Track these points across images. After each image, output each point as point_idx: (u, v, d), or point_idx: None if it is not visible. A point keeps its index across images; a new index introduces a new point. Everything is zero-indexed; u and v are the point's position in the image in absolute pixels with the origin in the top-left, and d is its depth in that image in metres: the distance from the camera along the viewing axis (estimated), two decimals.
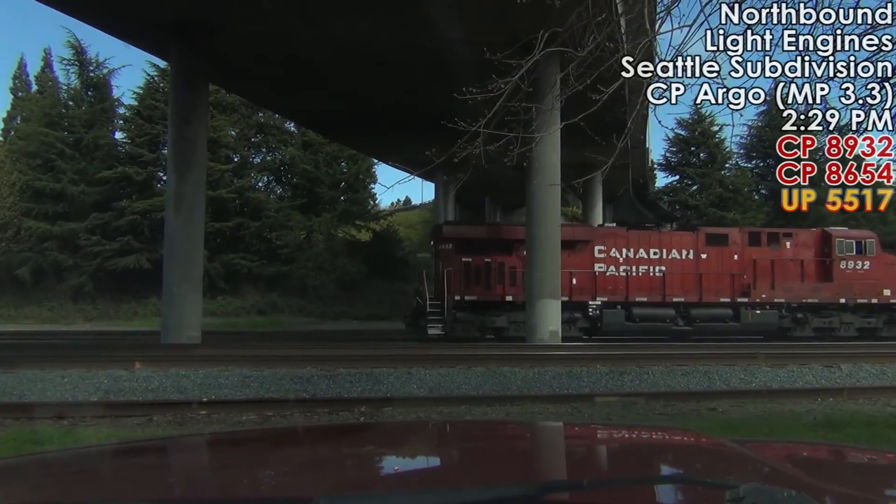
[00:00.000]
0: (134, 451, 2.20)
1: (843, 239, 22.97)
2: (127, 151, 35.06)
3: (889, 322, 22.68)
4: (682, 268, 22.15)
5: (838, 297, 22.39)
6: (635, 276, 21.99)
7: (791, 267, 22.71)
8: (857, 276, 22.53)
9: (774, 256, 22.60)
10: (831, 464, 2.07)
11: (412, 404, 10.37)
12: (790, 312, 22.46)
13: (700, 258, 22.25)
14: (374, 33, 18.07)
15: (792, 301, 22.38)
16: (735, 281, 22.24)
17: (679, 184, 43.56)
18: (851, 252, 22.72)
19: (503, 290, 21.38)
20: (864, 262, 22.61)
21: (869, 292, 22.35)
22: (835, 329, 22.44)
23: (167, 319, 17.79)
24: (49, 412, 9.10)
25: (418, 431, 2.66)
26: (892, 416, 9.49)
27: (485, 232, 23.95)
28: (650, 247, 22.21)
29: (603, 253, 21.93)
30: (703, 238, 22.71)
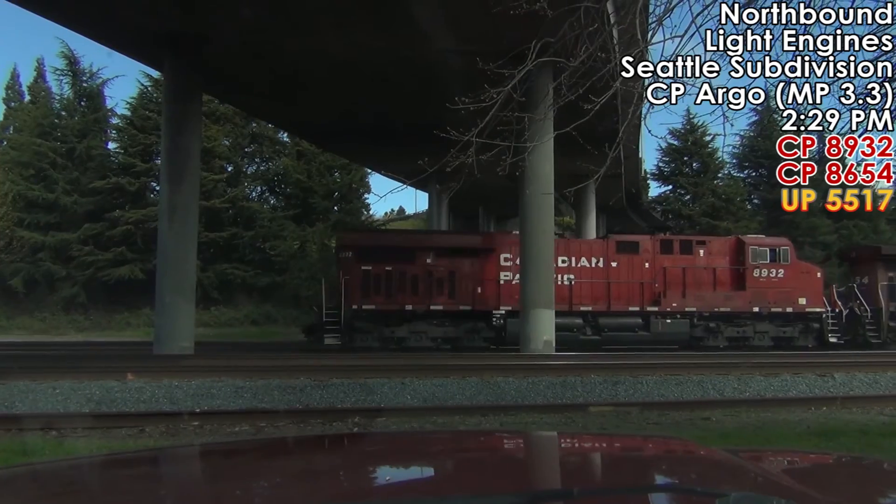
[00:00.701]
0: (125, 462, 2.19)
1: (756, 247, 22.57)
2: (120, 162, 35.02)
3: (805, 331, 22.39)
4: (592, 276, 21.73)
5: (751, 306, 22.06)
6: None
7: (703, 275, 22.32)
8: (772, 285, 22.18)
9: (687, 264, 22.20)
10: (824, 472, 2.07)
11: (406, 415, 10.35)
12: (702, 321, 22.10)
13: (610, 266, 21.83)
14: (366, 45, 18.12)
15: (704, 310, 22.02)
16: (645, 289, 21.90)
17: (672, 193, 43.73)
18: (765, 260, 22.31)
19: (404, 299, 20.95)
20: (778, 270, 22.23)
21: (783, 301, 22.06)
22: (749, 338, 22.15)
23: (160, 330, 17.71)
24: (40, 423, 9.04)
25: (411, 442, 2.65)
26: (886, 425, 9.51)
27: (386, 239, 23.48)
28: (558, 255, 21.36)
29: (509, 261, 21.43)
30: (614, 246, 22.37)
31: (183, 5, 16.27)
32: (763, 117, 40.56)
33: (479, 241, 22.90)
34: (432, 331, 20.94)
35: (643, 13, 6.67)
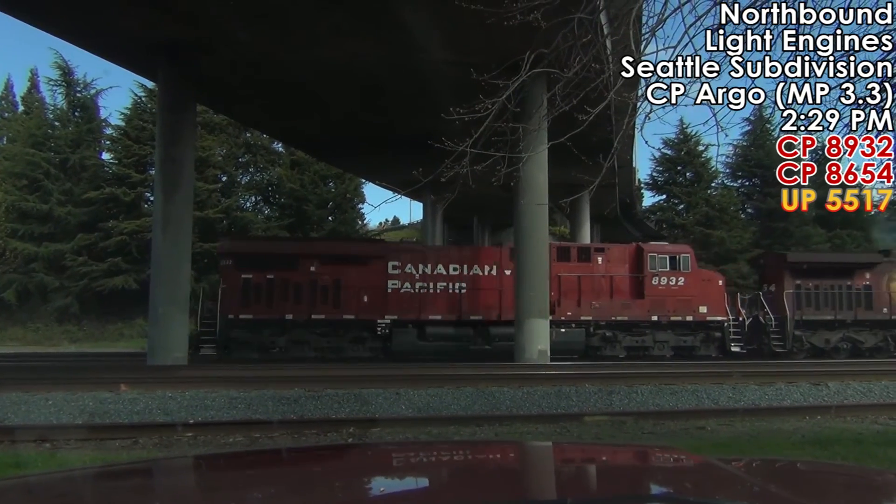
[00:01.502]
0: (118, 474, 2.18)
1: (655, 254, 22.08)
2: (114, 172, 34.94)
3: (706, 340, 21.95)
4: (485, 285, 21.22)
5: (650, 315, 21.61)
6: (432, 294, 21.09)
7: (601, 283, 21.81)
8: (671, 293, 21.74)
9: (583, 272, 21.68)
10: (818, 481, 2.07)
11: (401, 425, 10.33)
12: (599, 331, 21.56)
13: (504, 274, 21.12)
14: (361, 55, 18.16)
15: (600, 319, 21.47)
16: None
17: (666, 203, 43.84)
18: (665, 268, 21.84)
19: (285, 308, 20.34)
20: (678, 278, 21.81)
21: (683, 309, 21.61)
22: (648, 348, 21.72)
23: (153, 340, 17.64)
24: (32, 435, 8.99)
25: (406, 452, 2.65)
26: (880, 434, 9.52)
27: (267, 247, 22.77)
28: (450, 263, 21.30)
29: (397, 269, 21.03)
30: (508, 253, 21.48)
31: (177, 16, 16.30)
32: (756, 126, 40.78)
33: (366, 248, 22.45)
34: (315, 341, 20.34)
35: (636, 24, 6.70)
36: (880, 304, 22.73)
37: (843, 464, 4.70)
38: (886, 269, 23.15)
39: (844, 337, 22.66)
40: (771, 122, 36.40)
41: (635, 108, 7.18)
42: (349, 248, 22.27)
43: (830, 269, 23.16)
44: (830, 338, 22.58)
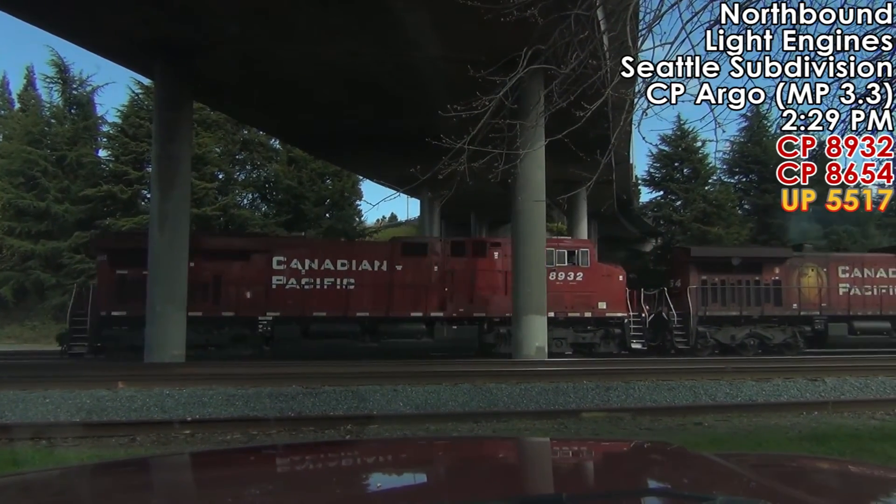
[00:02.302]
0: (115, 470, 2.18)
1: (553, 249, 21.35)
2: (111, 169, 34.89)
3: (606, 337, 21.50)
4: (374, 280, 20.72)
5: (548, 311, 20.39)
6: (318, 290, 20.55)
7: (496, 278, 21.19)
8: (569, 288, 21.18)
9: (478, 267, 21.19)
10: (814, 476, 2.08)
11: (398, 422, 10.33)
12: (493, 327, 21.01)
13: (394, 270, 20.83)
14: (357, 52, 18.14)
15: (494, 315, 20.87)
16: (430, 294, 20.86)
17: (663, 199, 43.85)
18: (563, 263, 21.36)
19: None
20: (576, 273, 21.35)
21: (582, 305, 21.10)
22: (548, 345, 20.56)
23: (151, 338, 17.62)
24: (30, 433, 8.98)
25: (404, 448, 2.65)
26: (877, 429, 9.53)
27: (143, 242, 21.63)
28: (338, 258, 20.82)
29: (282, 264, 20.52)
30: (399, 248, 21.44)
31: (174, 14, 16.27)
32: (753, 123, 40.80)
33: (249, 243, 21.80)
34: (193, 338, 19.18)
35: (633, 20, 6.70)
36: (790, 300, 22.47)
37: (839, 459, 4.71)
38: (797, 263, 22.91)
39: (751, 333, 22.32)
40: (768, 118, 36.45)
41: (632, 105, 7.17)
42: (231, 242, 21.52)
43: (738, 264, 22.73)
44: (736, 334, 22.24)
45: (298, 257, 20.70)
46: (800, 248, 23.97)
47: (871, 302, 22.74)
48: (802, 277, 22.80)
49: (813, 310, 22.50)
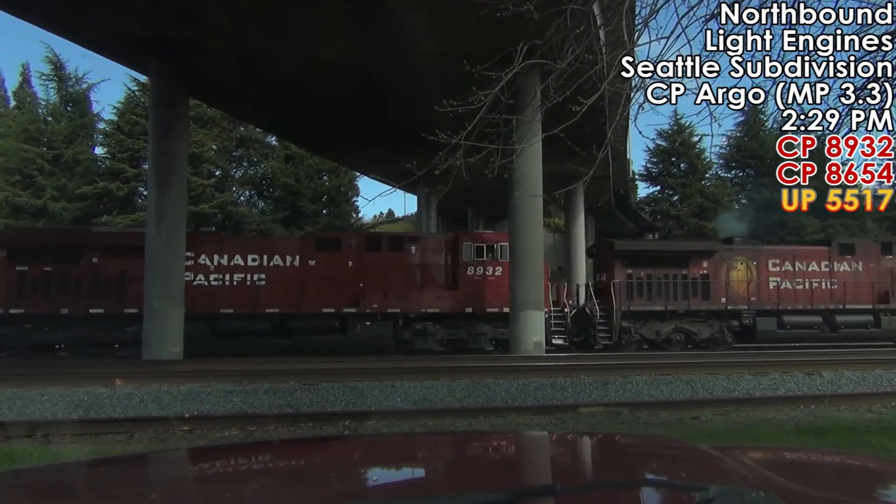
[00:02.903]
0: (113, 466, 2.18)
1: (471, 243, 21.12)
2: (108, 167, 34.84)
3: None
4: (286, 276, 20.20)
5: (465, 307, 20.62)
6: (227, 286, 20.05)
7: (413, 274, 20.89)
8: (487, 283, 20.75)
9: (394, 262, 20.72)
10: (810, 468, 2.08)
11: (396, 417, 10.34)
12: (409, 323, 20.62)
13: (308, 265, 20.42)
14: (353, 49, 18.11)
15: (410, 311, 20.50)
16: (344, 289, 20.28)
17: (660, 194, 43.91)
18: (481, 257, 20.84)
19: (62, 301, 19.08)
20: (495, 267, 20.80)
21: (501, 300, 20.17)
22: (465, 341, 20.63)
23: (148, 335, 17.62)
24: (28, 430, 8.98)
25: (401, 443, 2.66)
26: (874, 422, 9.57)
27: (44, 238, 21.09)
28: (248, 253, 20.30)
29: (190, 260, 19.67)
30: (312, 243, 21.00)
31: (170, 11, 16.23)
32: (749, 117, 40.81)
33: None
34: (95, 335, 19.07)
35: (629, 15, 6.69)
36: (718, 294, 22.08)
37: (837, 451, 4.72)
38: (726, 257, 22.53)
39: (677, 328, 21.88)
40: (764, 112, 36.47)
41: (629, 99, 7.17)
42: (135, 239, 20.37)
43: (664, 257, 22.45)
44: (661, 329, 21.81)
45: (207, 253, 20.21)
46: (730, 242, 23.73)
47: (803, 296, 22.41)
48: (731, 271, 22.46)
49: (741, 304, 22.14)
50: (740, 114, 40.48)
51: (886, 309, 22.50)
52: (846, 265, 22.70)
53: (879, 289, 22.55)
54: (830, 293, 22.42)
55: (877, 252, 23.05)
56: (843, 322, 22.29)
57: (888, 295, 22.45)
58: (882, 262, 22.82)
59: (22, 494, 1.68)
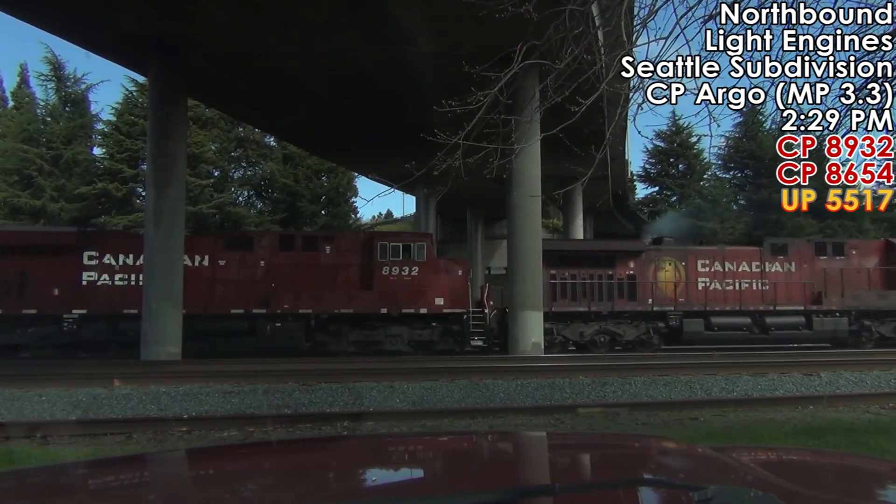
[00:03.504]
0: (111, 466, 2.18)
1: (386, 243, 20.68)
2: (106, 167, 34.81)
3: (444, 334, 20.42)
4: (194, 276, 19.46)
5: (379, 307, 20.12)
6: (132, 286, 19.33)
7: (326, 273, 20.34)
8: (403, 284, 20.26)
9: (307, 262, 20.20)
10: (808, 468, 2.09)
11: (395, 418, 10.34)
12: (321, 324, 20.17)
13: (217, 265, 19.95)
14: (352, 49, 18.12)
15: (322, 312, 20.01)
16: (255, 290, 19.80)
17: (659, 195, 43.94)
18: (397, 257, 20.37)
19: None
20: (412, 267, 20.35)
21: (416, 301, 20.04)
22: (380, 342, 20.15)
23: (147, 336, 17.61)
24: (26, 431, 8.97)
25: (400, 443, 2.66)
26: (871, 423, 9.58)
27: None
28: None
29: (94, 260, 19.38)
30: (222, 243, 20.54)
31: (168, 11, 16.23)
32: (748, 118, 40.87)
33: (59, 238, 20.44)
34: None
35: (628, 15, 6.70)
36: (645, 295, 21.60)
37: (835, 451, 4.73)
38: (653, 257, 22.06)
39: (601, 330, 21.27)
40: (763, 113, 36.51)
41: (627, 100, 7.19)
42: (38, 237, 19.94)
43: (590, 257, 21.93)
44: (585, 330, 21.18)
45: (112, 252, 19.66)
46: (659, 242, 23.47)
47: (732, 297, 21.92)
48: (659, 272, 22.00)
49: (668, 305, 21.70)
50: (739, 114, 40.61)
51: (819, 310, 22.02)
52: (778, 266, 22.28)
53: (812, 290, 22.15)
54: (761, 294, 21.96)
55: (810, 253, 22.67)
56: (773, 324, 21.81)
57: (821, 296, 22.04)
58: (816, 262, 22.40)
59: (21, 495, 1.68)
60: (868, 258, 22.86)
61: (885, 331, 22.19)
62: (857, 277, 22.40)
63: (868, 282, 22.42)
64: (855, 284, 22.25)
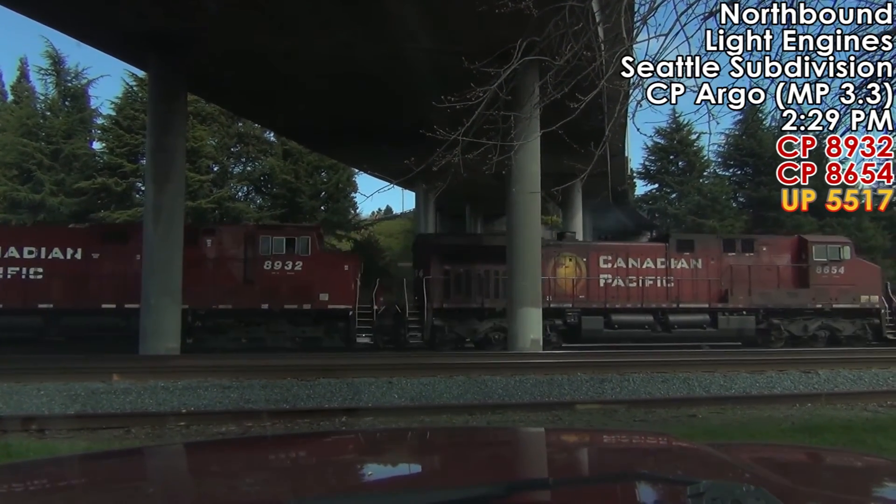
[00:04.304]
0: (109, 460, 2.18)
1: (268, 236, 20.35)
2: (106, 162, 34.76)
3: (330, 330, 20.08)
4: (66, 270, 19.18)
5: (261, 303, 19.70)
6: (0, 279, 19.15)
7: (205, 267, 19.80)
8: (286, 279, 19.89)
9: (185, 255, 18.90)
10: (804, 465, 2.09)
11: (394, 414, 10.35)
12: (199, 320, 19.59)
13: (91, 258, 19.45)
14: (351, 45, 18.09)
15: (201, 307, 19.42)
16: (130, 284, 18.82)
17: (658, 192, 43.93)
18: (280, 251, 20.00)
19: None
20: (295, 262, 19.97)
21: (301, 297, 19.59)
22: (262, 339, 19.83)
23: (146, 330, 17.62)
24: (24, 425, 8.98)
25: (397, 438, 2.66)
26: (869, 421, 9.58)
27: None
28: (24, 245, 19.35)
29: None
30: (97, 235, 20.16)
31: (168, 6, 16.20)
32: (748, 115, 40.81)
33: None
34: None
35: (628, 12, 6.70)
36: (545, 292, 20.54)
37: (832, 448, 4.74)
38: (553, 253, 21.41)
39: (495, 327, 20.57)
40: (762, 111, 36.51)
41: (627, 96, 7.19)
42: None
43: (485, 253, 21.15)
44: (479, 328, 20.73)
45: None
46: (562, 236, 23.19)
47: (635, 294, 21.46)
48: (559, 268, 21.52)
49: (566, 302, 21.17)
50: (739, 112, 40.61)
51: (724, 308, 21.65)
52: (684, 262, 21.76)
53: (719, 287, 21.75)
54: (666, 291, 21.57)
55: (718, 249, 22.23)
56: (676, 322, 21.35)
57: (727, 294, 21.66)
58: (723, 259, 21.96)
59: (18, 489, 1.68)
60: (780, 255, 22.47)
61: (794, 329, 21.84)
62: (767, 275, 22.01)
63: (778, 279, 22.03)
64: (764, 282, 21.89)
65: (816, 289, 21.87)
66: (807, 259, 22.09)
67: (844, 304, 21.91)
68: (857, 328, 22.09)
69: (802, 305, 21.85)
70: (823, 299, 21.85)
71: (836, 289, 21.90)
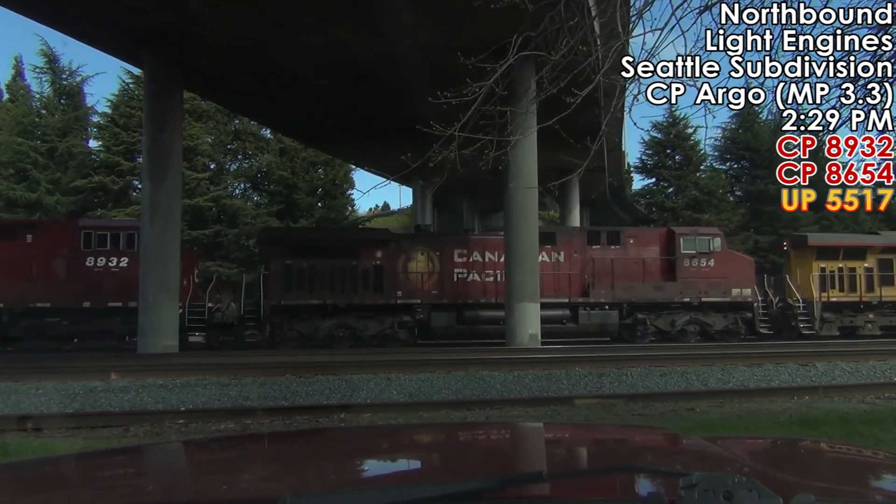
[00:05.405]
0: (107, 458, 2.18)
1: (92, 231, 19.51)
2: (102, 160, 34.68)
3: None
4: None
5: (82, 301, 18.86)
6: None
7: (25, 264, 18.91)
8: (110, 275, 19.07)
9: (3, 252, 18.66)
10: (801, 457, 2.10)
11: (392, 410, 10.36)
12: (19, 319, 18.86)
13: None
14: (348, 41, 18.06)
15: (16, 305, 18.72)
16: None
17: (655, 186, 43.93)
18: (104, 246, 19.25)
19: None
20: (120, 258, 19.24)
21: (127, 294, 18.55)
22: (86, 337, 19.06)
23: (143, 328, 17.62)
24: (22, 424, 8.98)
25: (395, 434, 2.67)
26: (866, 413, 9.61)
27: None
28: None
29: None
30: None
31: (163, 1, 16.15)
32: (744, 109, 40.82)
33: None
34: None
35: (624, 6, 6.70)
36: (394, 287, 20.46)
37: (829, 441, 4.75)
38: (404, 247, 21.02)
39: (340, 324, 20.15)
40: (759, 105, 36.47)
41: (623, 90, 7.18)
42: None
43: (330, 247, 20.66)
44: (321, 325, 20.12)
45: None
46: (417, 231, 22.75)
47: (491, 289, 20.69)
48: (410, 262, 20.87)
49: (416, 297, 20.57)
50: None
51: (586, 303, 20.96)
52: (545, 256, 20.64)
53: (581, 282, 21.10)
54: None
55: (582, 242, 21.60)
56: None
57: (589, 288, 21.01)
58: (588, 252, 21.27)
59: (16, 487, 1.69)
60: (647, 248, 21.75)
61: (661, 324, 21.24)
62: (633, 268, 21.34)
63: (643, 273, 21.35)
64: (629, 275, 21.20)
65: (684, 282, 21.20)
66: (675, 251, 21.49)
67: (714, 298, 21.22)
68: (728, 322, 21.41)
69: (669, 299, 21.24)
70: (692, 293, 21.20)
71: (705, 282, 21.24)
